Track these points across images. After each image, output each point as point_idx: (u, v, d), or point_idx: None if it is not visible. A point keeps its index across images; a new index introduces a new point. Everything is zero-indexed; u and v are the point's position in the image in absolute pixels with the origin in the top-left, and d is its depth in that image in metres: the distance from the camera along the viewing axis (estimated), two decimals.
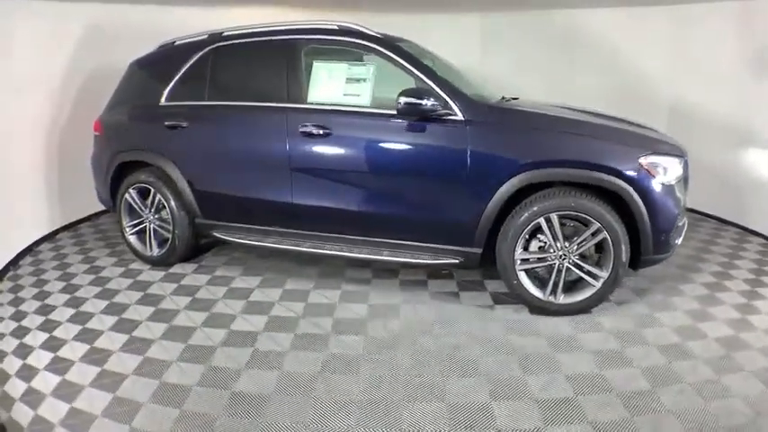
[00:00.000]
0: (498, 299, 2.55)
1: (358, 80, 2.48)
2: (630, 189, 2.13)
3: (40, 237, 3.53)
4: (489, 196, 2.26)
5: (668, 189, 2.18)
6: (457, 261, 2.46)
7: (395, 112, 2.37)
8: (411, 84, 2.39)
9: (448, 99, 2.30)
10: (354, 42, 2.53)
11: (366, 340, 2.17)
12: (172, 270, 3.01)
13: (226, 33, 2.88)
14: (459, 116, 2.29)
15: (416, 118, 2.32)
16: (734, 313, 2.34)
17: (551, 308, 2.34)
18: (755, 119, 3.44)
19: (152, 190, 2.97)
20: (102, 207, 4.08)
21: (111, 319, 2.40)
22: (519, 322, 2.31)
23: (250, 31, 2.80)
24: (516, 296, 2.41)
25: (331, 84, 2.53)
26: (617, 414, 1.66)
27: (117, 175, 3.09)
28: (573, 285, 2.35)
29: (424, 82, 2.36)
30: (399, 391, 1.81)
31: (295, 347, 2.12)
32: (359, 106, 2.47)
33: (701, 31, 3.76)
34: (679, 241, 2.37)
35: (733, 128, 3.58)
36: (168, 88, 2.92)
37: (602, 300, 2.32)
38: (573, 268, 2.28)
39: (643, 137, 2.31)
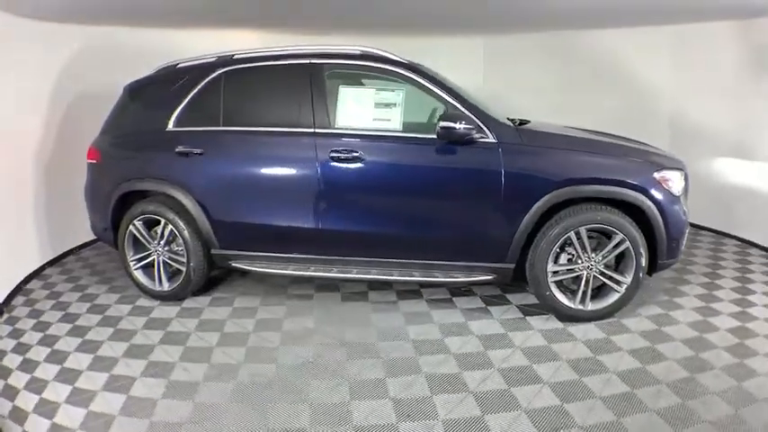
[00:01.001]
0: (526, 311, 2.70)
1: (387, 105, 2.56)
2: (649, 202, 2.37)
3: (26, 274, 3.25)
4: (524, 213, 2.41)
5: (677, 200, 2.45)
6: (490, 277, 2.58)
7: (428, 136, 2.47)
8: (428, 108, 2.49)
9: (479, 122, 2.44)
10: (381, 68, 2.61)
11: (457, 358, 2.23)
12: (185, 305, 2.87)
13: (237, 56, 2.84)
14: (491, 139, 2.44)
15: (452, 142, 2.42)
16: (734, 308, 2.66)
17: (581, 315, 2.53)
18: (752, 133, 3.59)
19: (162, 221, 2.82)
20: (86, 239, 3.89)
21: (138, 364, 2.26)
22: (554, 331, 2.47)
23: (266, 54, 2.79)
24: (548, 307, 2.56)
25: (359, 109, 2.59)
26: (671, 401, 1.88)
27: (119, 205, 2.91)
28: (598, 292, 2.55)
29: (455, 107, 2.48)
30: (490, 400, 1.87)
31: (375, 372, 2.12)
32: (390, 131, 2.54)
33: (701, 49, 3.87)
34: (683, 247, 2.65)
35: (732, 142, 3.75)
36: (176, 113, 2.83)
37: (625, 304, 2.53)
38: (600, 277, 2.48)
39: (653, 154, 2.58)
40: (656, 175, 2.41)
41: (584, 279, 2.49)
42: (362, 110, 2.59)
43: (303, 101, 2.63)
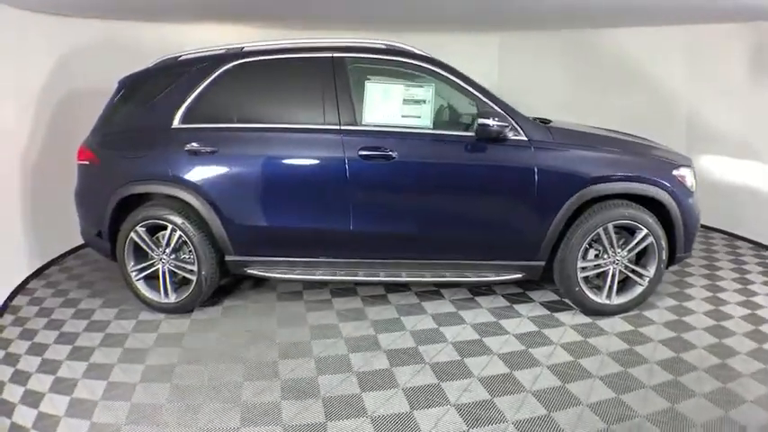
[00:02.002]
0: (550, 307, 2.79)
1: (417, 101, 2.54)
2: (670, 198, 2.52)
3: (11, 290, 2.93)
4: (556, 211, 2.49)
5: (692, 195, 2.63)
6: (520, 275, 2.63)
7: (461, 133, 2.49)
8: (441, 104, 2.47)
9: (512, 120, 2.47)
10: (408, 63, 2.59)
11: (502, 359, 2.26)
12: (195, 316, 2.69)
13: (249, 49, 2.70)
14: (523, 136, 2.49)
15: (487, 139, 2.45)
16: (739, 297, 2.89)
17: (607, 309, 2.64)
18: (761, 134, 3.66)
19: (169, 226, 2.62)
20: (67, 247, 3.61)
21: (161, 390, 2.07)
22: (585, 326, 2.57)
23: (283, 46, 2.68)
24: (575, 302, 2.66)
25: (387, 105, 2.55)
26: (713, 385, 2.04)
27: (117, 211, 2.67)
28: (622, 287, 2.68)
29: (486, 104, 2.51)
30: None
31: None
32: (421, 128, 2.52)
33: (716, 49, 3.89)
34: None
35: (742, 143, 3.81)
36: (182, 109, 2.64)
37: (647, 296, 2.68)
38: (626, 271, 2.60)
39: (670, 152, 2.74)
40: (674, 172, 2.57)
41: (610, 274, 2.60)
42: (391, 106, 2.55)
43: (327, 96, 2.55)
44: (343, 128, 2.52)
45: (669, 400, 1.93)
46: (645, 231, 2.54)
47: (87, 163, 2.76)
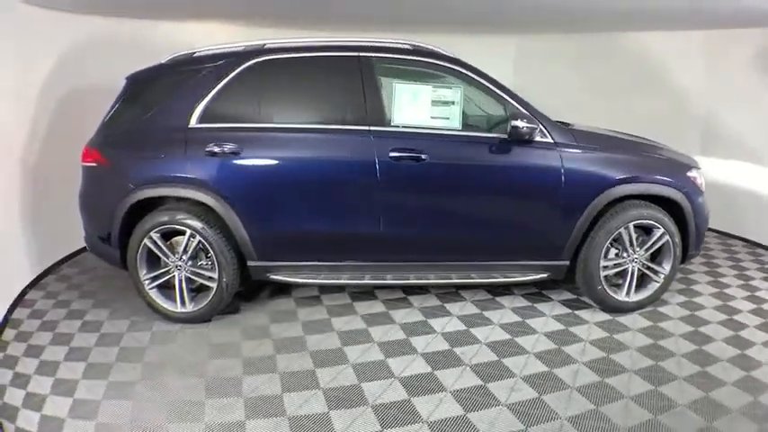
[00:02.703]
0: (570, 306, 2.92)
1: (446, 103, 2.59)
2: (685, 198, 2.70)
3: (10, 302, 2.77)
4: (581, 211, 2.61)
5: (702, 195, 2.82)
6: (545, 275, 2.74)
7: (490, 135, 2.57)
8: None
9: (539, 122, 2.57)
10: (436, 64, 2.64)
11: (539, 358, 2.31)
12: (204, 327, 2.61)
13: (271, 46, 2.67)
14: (549, 138, 2.59)
15: (517, 141, 2.53)
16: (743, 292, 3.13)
17: (626, 306, 2.79)
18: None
19: (187, 232, 2.54)
20: (63, 254, 3.46)
21: (218, 404, 2.00)
22: (608, 323, 2.71)
23: (307, 44, 2.67)
24: (597, 300, 2.79)
25: (416, 106, 2.59)
26: (738, 374, 2.21)
27: (128, 216, 2.56)
28: (639, 284, 2.83)
29: (514, 106, 2.59)
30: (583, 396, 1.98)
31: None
32: (450, 129, 2.58)
33: (731, 54, 3.99)
34: None
35: (756, 147, 3.92)
36: (200, 108, 2.58)
37: (663, 293, 2.85)
38: (644, 269, 2.75)
39: (678, 154, 2.93)
40: (688, 173, 2.76)
41: (629, 272, 2.75)
42: (420, 107, 2.59)
43: (355, 96, 2.56)
44: (372, 128, 2.54)
45: (702, 390, 2.08)
46: (662, 230, 2.71)
47: (94, 165, 2.63)
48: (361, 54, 2.61)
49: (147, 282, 2.62)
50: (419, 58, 2.65)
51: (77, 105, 3.38)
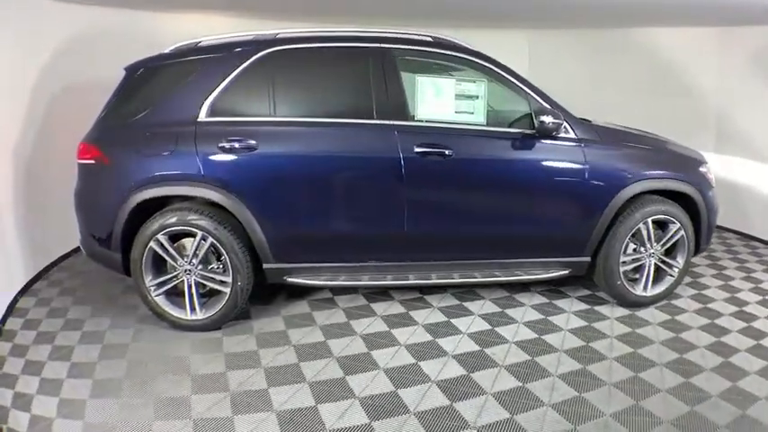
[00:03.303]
0: (587, 301, 2.99)
1: (469, 97, 2.58)
2: (698, 193, 2.81)
3: (2, 314, 2.59)
4: (603, 208, 2.67)
5: (712, 190, 2.94)
6: (566, 271, 2.79)
7: (515, 130, 2.58)
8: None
9: (563, 118, 2.60)
10: (459, 57, 2.63)
11: (570, 355, 2.35)
12: (210, 335, 2.51)
13: (284, 36, 2.58)
14: (572, 134, 2.63)
15: (541, 137, 2.56)
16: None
17: (643, 300, 2.89)
18: None
19: (198, 233, 2.42)
20: (51, 258, 3.29)
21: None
22: (628, 317, 2.80)
23: (323, 35, 2.59)
24: (615, 295, 2.87)
25: (440, 100, 2.56)
26: (760, 364, 2.32)
27: (132, 217, 2.42)
28: (654, 278, 2.92)
29: (538, 101, 2.61)
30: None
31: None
32: (476, 124, 2.57)
33: (745, 51, 4.04)
34: None
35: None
36: (209, 100, 2.46)
37: (677, 286, 2.97)
38: (660, 264, 2.85)
39: (690, 149, 3.04)
40: (700, 168, 2.87)
41: (647, 267, 2.84)
42: (443, 101, 2.57)
43: (377, 90, 2.52)
44: (396, 123, 2.49)
45: (730, 380, 2.18)
46: (678, 225, 2.81)
47: (92, 162, 2.46)
48: (382, 45, 2.56)
49: (152, 288, 2.48)
50: (442, 51, 2.63)
51: (70, 100, 3.21)
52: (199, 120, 2.45)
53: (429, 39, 2.68)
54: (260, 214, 2.45)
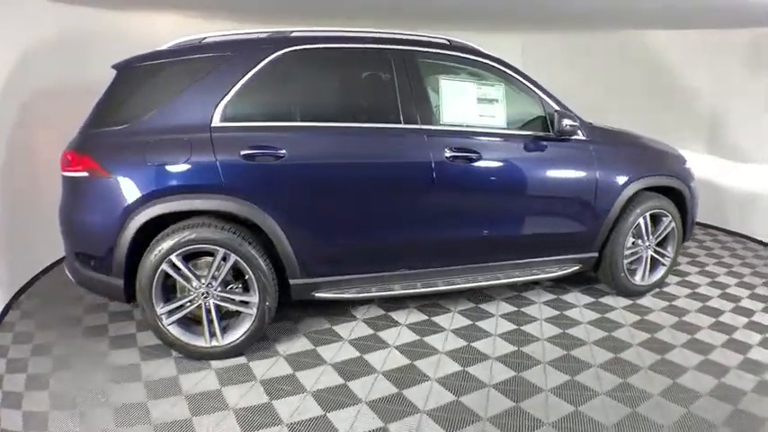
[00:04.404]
0: (590, 294, 3.30)
1: (490, 100, 2.73)
2: (686, 188, 3.23)
3: None
4: (611, 205, 2.98)
5: (695, 183, 3.39)
6: (577, 267, 3.06)
7: (534, 133, 2.79)
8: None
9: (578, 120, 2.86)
10: (477, 61, 2.77)
11: (599, 345, 2.53)
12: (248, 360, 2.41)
13: (298, 34, 2.55)
14: (582, 136, 2.90)
15: (558, 139, 2.79)
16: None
17: (642, 289, 3.25)
18: None
19: (219, 251, 2.30)
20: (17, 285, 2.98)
21: None
22: (633, 306, 3.14)
23: (341, 35, 2.59)
24: (618, 287, 3.19)
25: (463, 104, 2.69)
26: (758, 337, 2.69)
27: (137, 238, 2.24)
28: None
29: (551, 105, 2.84)
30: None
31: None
32: (497, 127, 2.73)
33: (736, 53, 4.27)
34: None
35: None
36: (223, 103, 2.36)
37: (668, 275, 3.37)
38: (655, 255, 3.23)
39: (672, 147, 3.46)
40: (686, 166, 3.30)
41: (644, 258, 3.20)
42: (466, 105, 2.70)
43: (403, 93, 2.58)
44: (425, 127, 2.57)
45: (741, 353, 2.56)
46: (670, 218, 3.21)
47: (85, 175, 2.22)
48: (405, 47, 2.62)
49: (165, 317, 2.30)
50: (461, 54, 2.75)
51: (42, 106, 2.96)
52: (213, 125, 2.32)
53: (445, 41, 2.79)
54: (288, 227, 2.38)
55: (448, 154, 2.58)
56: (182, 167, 2.26)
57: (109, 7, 3.57)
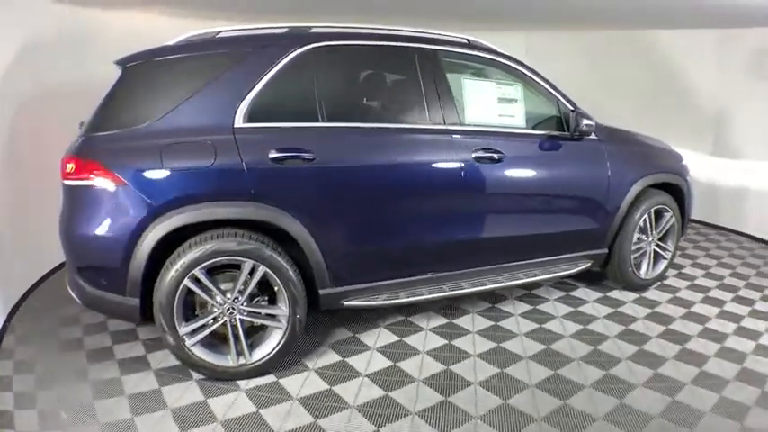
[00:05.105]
0: (597, 288, 3.48)
1: (509, 100, 2.81)
2: (685, 184, 3.47)
3: None
4: (620, 202, 3.14)
5: (690, 178, 3.64)
6: (589, 264, 3.21)
7: (552, 133, 2.90)
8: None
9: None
10: (496, 61, 2.84)
11: (622, 338, 2.65)
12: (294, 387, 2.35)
13: (318, 30, 2.50)
14: (594, 136, 3.04)
15: (575, 138, 2.91)
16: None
17: (647, 283, 3.47)
18: None
19: (247, 262, 2.22)
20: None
21: None
22: (640, 300, 3.33)
23: (364, 32, 2.57)
24: (625, 282, 3.37)
25: (485, 103, 2.74)
26: (765, 325, 2.93)
27: (156, 251, 2.13)
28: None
29: (566, 105, 2.96)
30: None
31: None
32: (517, 127, 2.80)
33: (743, 53, 4.40)
34: None
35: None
36: (245, 102, 2.27)
37: (668, 268, 3.59)
38: (657, 249, 3.45)
39: (668, 145, 3.70)
40: (683, 163, 3.55)
41: (648, 253, 3.41)
42: (487, 105, 2.77)
43: (428, 92, 2.60)
44: (451, 128, 2.59)
45: (753, 339, 2.78)
46: (670, 213, 3.43)
47: (93, 183, 2.05)
48: (429, 46, 2.64)
49: (187, 337, 2.18)
50: (481, 54, 2.81)
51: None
52: (236, 126, 2.22)
53: (465, 40, 2.83)
54: (319, 234, 2.33)
55: (475, 154, 2.63)
56: (206, 173, 2.16)
57: (88, 5, 3.35)
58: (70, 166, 2.11)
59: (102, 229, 2.10)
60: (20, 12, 2.95)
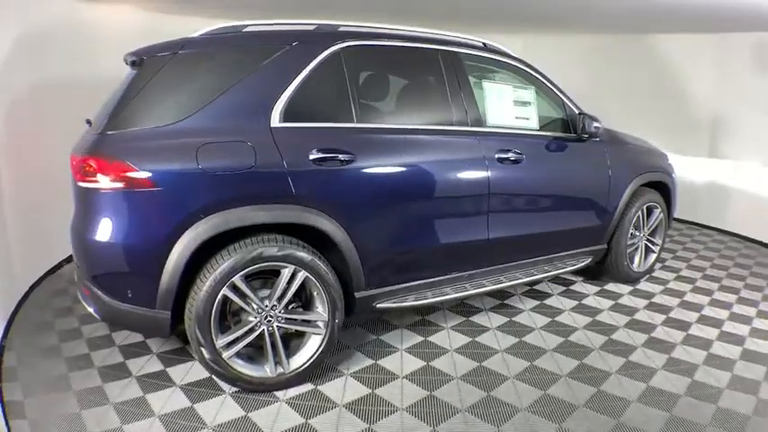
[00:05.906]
0: (595, 283, 3.77)
1: (524, 103, 2.99)
2: (672, 182, 3.83)
3: None
4: (619, 199, 3.44)
5: (674, 175, 4.02)
6: (590, 259, 3.47)
7: (563, 134, 3.12)
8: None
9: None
10: (511, 65, 3.01)
11: (627, 330, 2.90)
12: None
13: (347, 29, 2.55)
14: (597, 137, 3.29)
15: (583, 139, 3.15)
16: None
17: (638, 276, 3.79)
18: None
19: (287, 268, 2.24)
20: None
21: None
22: (636, 291, 3.65)
23: (391, 32, 2.65)
24: (620, 276, 3.68)
25: (502, 106, 2.90)
26: (754, 311, 3.31)
27: (191, 261, 2.11)
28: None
29: (571, 108, 3.19)
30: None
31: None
32: (533, 129, 2.99)
33: (741, 57, 4.58)
34: None
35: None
36: (281, 101, 2.28)
37: (656, 262, 3.94)
38: (648, 244, 3.78)
39: (657, 148, 4.05)
40: (668, 161, 3.91)
41: (641, 247, 3.74)
42: (505, 107, 2.93)
43: (453, 94, 2.72)
44: (476, 129, 2.73)
45: (747, 323, 3.14)
46: (659, 210, 3.78)
47: (118, 186, 1.98)
48: (453, 49, 2.77)
49: (224, 350, 2.15)
50: (497, 57, 2.98)
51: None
52: (273, 126, 2.21)
53: (481, 44, 2.97)
54: (358, 237, 2.39)
55: (498, 156, 2.78)
56: (246, 175, 2.14)
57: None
58: (88, 167, 2.01)
59: (131, 236, 2.04)
60: (19, 4, 2.77)
